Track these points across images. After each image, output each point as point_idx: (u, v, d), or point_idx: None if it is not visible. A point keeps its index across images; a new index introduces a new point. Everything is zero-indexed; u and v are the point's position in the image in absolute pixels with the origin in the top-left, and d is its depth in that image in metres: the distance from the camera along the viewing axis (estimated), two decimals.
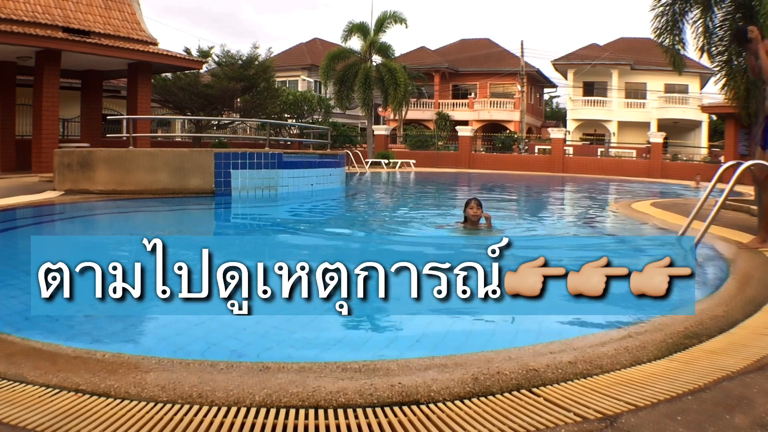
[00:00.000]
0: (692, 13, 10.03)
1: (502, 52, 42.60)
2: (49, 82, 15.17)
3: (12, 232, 6.46)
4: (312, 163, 11.99)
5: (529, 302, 3.70)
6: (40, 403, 1.84)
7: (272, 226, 7.58)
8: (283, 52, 42.00)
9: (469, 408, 1.88)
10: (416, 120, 39.70)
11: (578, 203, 12.86)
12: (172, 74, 22.67)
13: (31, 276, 3.98)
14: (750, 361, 2.31)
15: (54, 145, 13.94)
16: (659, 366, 2.28)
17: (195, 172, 9.91)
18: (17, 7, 14.61)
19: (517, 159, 29.49)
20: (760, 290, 3.56)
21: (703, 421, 1.78)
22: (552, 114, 54.96)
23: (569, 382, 2.10)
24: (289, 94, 29.35)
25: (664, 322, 2.88)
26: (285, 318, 3.23)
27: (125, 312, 3.30)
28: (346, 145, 27.74)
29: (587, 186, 18.47)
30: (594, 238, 6.71)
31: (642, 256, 5.36)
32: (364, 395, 1.93)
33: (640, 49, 37.79)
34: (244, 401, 1.88)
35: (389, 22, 27.13)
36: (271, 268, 4.91)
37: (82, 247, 5.81)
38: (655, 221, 7.65)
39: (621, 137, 37.35)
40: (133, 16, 17.76)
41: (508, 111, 39.22)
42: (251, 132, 31.89)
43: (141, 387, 1.97)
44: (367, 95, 27.06)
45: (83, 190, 9.85)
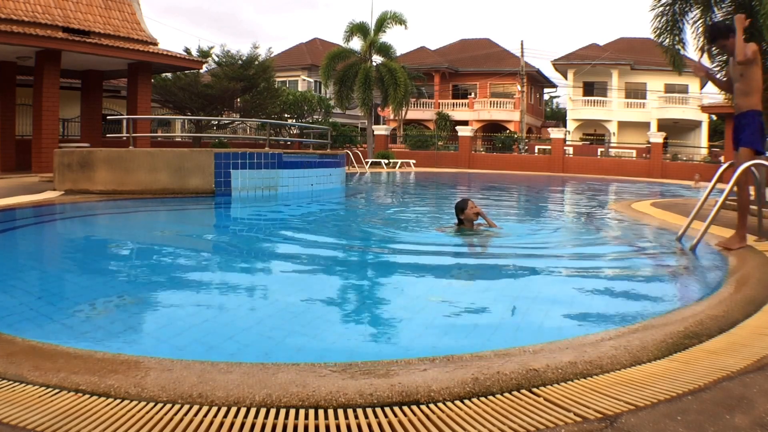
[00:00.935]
0: (692, 13, 10.03)
1: (502, 52, 42.62)
2: (49, 82, 15.17)
3: (12, 232, 6.46)
4: (312, 163, 11.99)
5: (529, 302, 3.70)
6: (40, 403, 1.84)
7: (272, 226, 7.58)
8: (283, 52, 42.03)
9: (469, 408, 1.88)
10: (416, 120, 39.72)
11: (578, 203, 12.86)
12: (172, 74, 22.68)
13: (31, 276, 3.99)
14: (750, 361, 2.31)
15: (54, 145, 13.95)
16: (659, 366, 2.27)
17: (195, 172, 9.92)
18: (17, 7, 14.61)
19: (517, 159, 29.50)
20: (760, 290, 3.55)
21: (703, 421, 1.78)
22: (552, 114, 54.98)
23: (569, 382, 2.10)
24: (289, 94, 29.37)
25: (664, 322, 2.88)
26: (285, 318, 3.23)
27: (125, 312, 3.30)
28: (347, 145, 27.75)
29: (587, 186, 18.47)
30: (594, 238, 6.71)
31: (642, 257, 5.36)
32: (364, 395, 1.93)
33: (640, 49, 37.80)
34: (244, 401, 1.88)
35: (389, 22, 27.16)
36: (271, 268, 4.93)
37: (83, 247, 5.81)
38: (655, 221, 7.66)
39: (621, 137, 37.37)
40: (133, 16, 17.76)
41: (508, 111, 39.24)
42: (251, 132, 31.90)
43: (141, 387, 1.96)
44: (367, 95, 27.07)
45: (83, 190, 9.85)
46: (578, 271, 4.75)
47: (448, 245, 5.81)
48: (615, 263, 5.11)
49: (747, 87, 4.88)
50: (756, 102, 4.90)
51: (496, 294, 3.92)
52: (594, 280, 4.41)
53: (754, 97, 4.90)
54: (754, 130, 4.83)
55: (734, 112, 5.16)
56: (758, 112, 4.90)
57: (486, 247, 5.64)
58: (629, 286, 4.32)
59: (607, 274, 4.70)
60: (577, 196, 15.14)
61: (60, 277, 4.36)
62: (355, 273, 4.58)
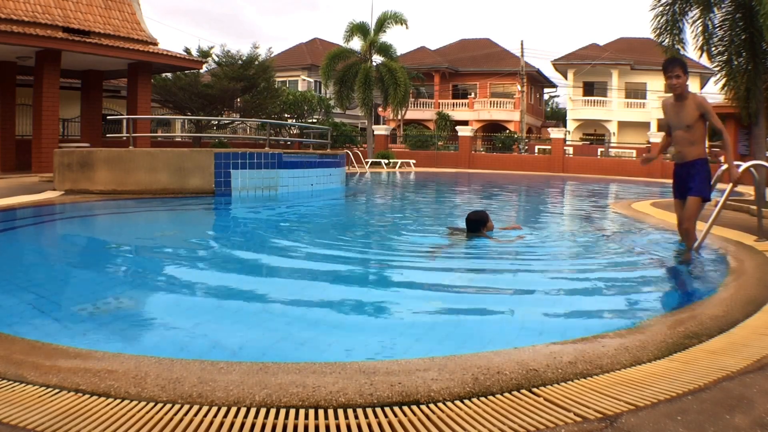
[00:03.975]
0: (692, 13, 10.02)
1: (502, 52, 42.61)
2: (49, 82, 15.17)
3: (12, 232, 6.46)
4: (312, 163, 11.99)
5: (529, 302, 3.71)
6: (40, 403, 1.84)
7: (272, 226, 7.57)
8: (283, 52, 42.02)
9: (469, 408, 1.88)
10: (416, 120, 39.71)
11: (578, 203, 12.86)
12: (172, 74, 22.67)
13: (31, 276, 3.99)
14: (750, 361, 2.31)
15: (54, 145, 13.95)
16: (659, 366, 2.28)
17: (195, 172, 9.92)
18: (17, 7, 14.61)
19: (517, 159, 29.48)
20: (760, 290, 3.56)
21: (703, 421, 1.78)
22: (552, 114, 54.97)
23: (569, 382, 2.10)
24: (289, 94, 29.36)
25: (664, 322, 2.88)
26: (285, 318, 3.23)
27: (125, 312, 3.30)
28: (347, 145, 27.74)
29: (587, 186, 18.47)
30: (593, 238, 6.71)
31: (642, 257, 5.36)
32: (364, 395, 1.93)
33: (640, 49, 37.79)
34: (244, 401, 1.88)
35: (389, 22, 27.14)
36: (271, 268, 4.92)
37: (83, 247, 5.81)
38: (655, 221, 7.66)
39: (621, 137, 37.36)
40: (133, 16, 17.76)
41: (508, 111, 39.23)
42: (251, 132, 31.90)
43: (141, 387, 1.97)
44: (367, 95, 27.06)
45: (83, 190, 9.86)
46: (578, 271, 4.75)
47: (448, 245, 5.80)
48: (615, 263, 5.11)
49: (694, 137, 4.88)
50: (702, 151, 4.91)
51: (496, 294, 3.91)
52: (594, 279, 4.41)
53: (700, 146, 4.91)
54: (702, 179, 4.83)
55: (677, 160, 5.06)
56: (706, 160, 4.92)
57: (489, 249, 5.64)
58: (629, 286, 4.32)
59: (607, 274, 4.70)
60: (577, 196, 15.14)
61: (60, 277, 4.35)
62: (355, 273, 4.58)
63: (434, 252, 5.35)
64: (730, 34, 9.58)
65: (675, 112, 4.95)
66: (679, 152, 5.00)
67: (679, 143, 4.97)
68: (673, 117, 4.97)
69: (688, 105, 4.86)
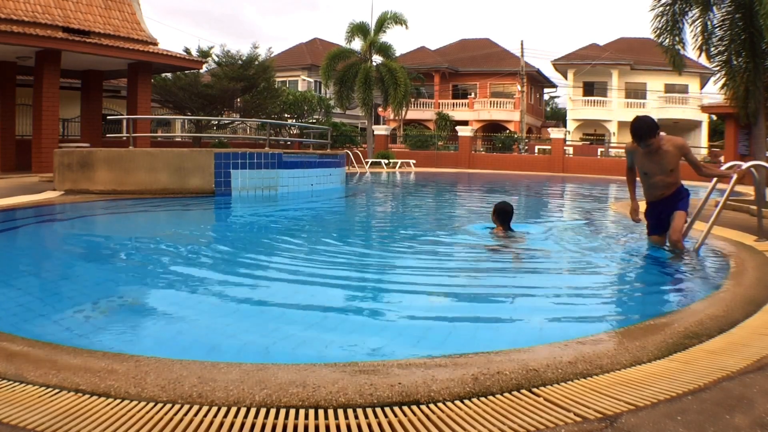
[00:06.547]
0: (692, 13, 10.03)
1: (502, 52, 42.62)
2: (49, 82, 15.17)
3: (12, 232, 6.45)
4: (312, 163, 11.99)
5: (529, 302, 3.71)
6: (40, 403, 1.84)
7: (272, 226, 7.57)
8: (283, 52, 42.02)
9: (469, 408, 1.88)
10: (416, 120, 39.71)
11: (578, 203, 12.86)
12: (172, 74, 22.68)
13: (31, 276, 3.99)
14: (750, 361, 2.31)
15: (54, 145, 13.95)
16: (659, 366, 2.28)
17: (195, 172, 9.92)
18: (17, 7, 14.61)
19: (517, 159, 29.48)
20: (760, 290, 3.56)
21: (703, 421, 1.78)
22: (552, 114, 54.97)
23: (569, 382, 2.10)
24: (289, 94, 29.36)
25: (664, 322, 2.88)
26: (285, 318, 3.23)
27: (125, 312, 3.30)
28: (347, 145, 27.74)
29: (587, 186, 18.47)
30: (593, 238, 6.71)
31: (642, 257, 5.36)
32: (364, 395, 1.93)
33: (640, 49, 37.81)
34: (244, 401, 1.88)
35: (389, 22, 27.15)
36: (271, 268, 4.92)
37: (83, 247, 5.81)
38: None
39: (621, 137, 37.34)
40: (133, 16, 17.76)
41: (508, 111, 39.23)
42: (251, 132, 31.90)
43: (141, 387, 1.96)
44: (367, 95, 27.06)
45: (83, 190, 9.86)
46: (578, 271, 4.75)
47: (449, 246, 5.80)
48: (615, 263, 5.11)
49: (675, 177, 5.03)
50: (679, 179, 5.07)
51: (496, 294, 3.91)
52: (594, 279, 4.41)
53: (678, 177, 5.06)
54: (687, 203, 5.06)
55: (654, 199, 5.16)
56: (684, 187, 5.12)
57: (489, 249, 5.64)
58: (629, 286, 4.32)
59: (607, 273, 4.70)
60: (577, 196, 15.14)
61: (60, 277, 4.36)
62: (355, 273, 4.58)
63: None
64: (729, 33, 9.59)
65: (653, 160, 4.95)
66: (656, 193, 5.12)
67: (658, 188, 5.07)
68: (650, 165, 4.99)
69: (667, 152, 4.87)
